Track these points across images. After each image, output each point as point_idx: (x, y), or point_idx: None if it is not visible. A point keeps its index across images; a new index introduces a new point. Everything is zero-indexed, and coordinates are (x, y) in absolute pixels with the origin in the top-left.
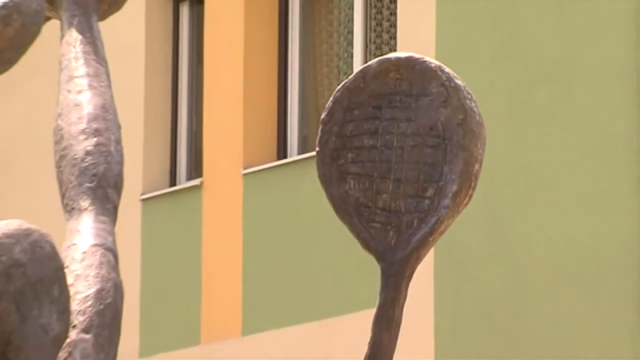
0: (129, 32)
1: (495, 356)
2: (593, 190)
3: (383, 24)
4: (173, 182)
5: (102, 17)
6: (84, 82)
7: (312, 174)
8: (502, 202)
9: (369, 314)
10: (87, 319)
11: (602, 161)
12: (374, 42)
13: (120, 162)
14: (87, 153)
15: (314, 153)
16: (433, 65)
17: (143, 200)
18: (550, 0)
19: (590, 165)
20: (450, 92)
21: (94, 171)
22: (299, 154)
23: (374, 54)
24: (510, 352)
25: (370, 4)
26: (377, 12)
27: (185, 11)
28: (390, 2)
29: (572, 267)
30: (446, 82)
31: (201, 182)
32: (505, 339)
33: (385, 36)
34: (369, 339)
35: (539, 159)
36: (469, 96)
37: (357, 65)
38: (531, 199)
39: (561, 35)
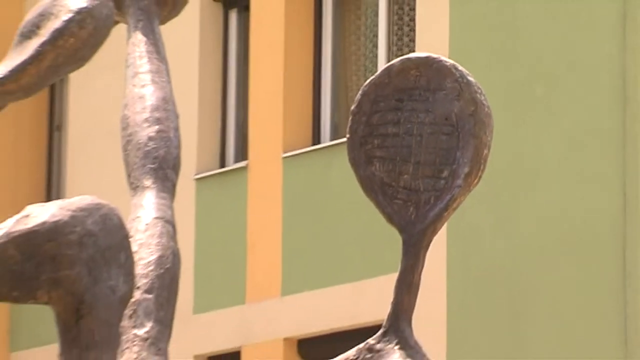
0: (185, 34)
1: (498, 313)
2: (582, 173)
3: (404, 28)
4: (222, 164)
5: (163, 22)
6: (147, 78)
7: (342, 157)
8: (504, 184)
9: (392, 278)
10: (149, 281)
11: (590, 149)
12: (396, 44)
13: (178, 147)
14: (150, 139)
15: (344, 139)
16: (448, 64)
17: (197, 179)
18: (545, 6)
19: (579, 153)
20: (463, 87)
21: (155, 154)
22: (330, 140)
23: (396, 54)
24: (511, 310)
25: (393, 11)
26: (399, 19)
27: (233, 17)
28: (410, 9)
29: (563, 239)
30: (459, 79)
31: (247, 164)
32: (507, 298)
33: (406, 39)
34: (392, 300)
35: (535, 148)
36: (479, 90)
37: (381, 64)
38: (528, 181)
39: (555, 36)
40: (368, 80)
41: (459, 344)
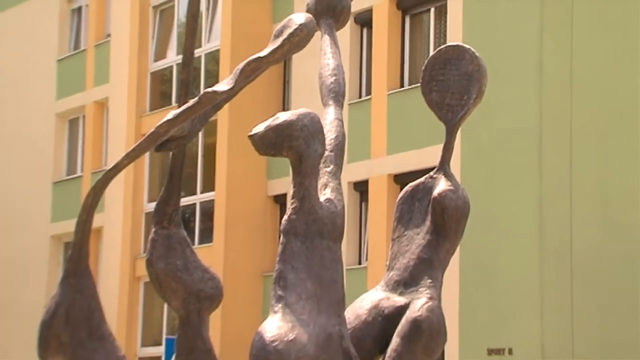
0: (340, 41)
1: (480, 164)
2: (516, 98)
3: (441, 33)
4: (360, 96)
5: (337, 30)
6: (330, 56)
7: (415, 92)
8: (486, 103)
9: (441, 146)
10: (332, 146)
11: (516, 91)
12: (437, 41)
13: (344, 87)
14: (331, 83)
15: (416, 85)
16: (467, 47)
17: (349, 104)
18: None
19: (515, 90)
20: (473, 58)
21: (335, 90)
22: (408, 85)
23: (438, 45)
24: (488, 164)
25: (437, 25)
26: (438, 30)
27: (365, 31)
28: (444, 27)
29: (504, 131)
30: (472, 54)
31: (371, 97)
32: (484, 161)
33: (442, 40)
34: (440, 154)
35: (496, 87)
36: (481, 60)
37: (431, 50)
38: (495, 101)
39: (487, 33)
40: (430, 55)
41: (467, 184)
